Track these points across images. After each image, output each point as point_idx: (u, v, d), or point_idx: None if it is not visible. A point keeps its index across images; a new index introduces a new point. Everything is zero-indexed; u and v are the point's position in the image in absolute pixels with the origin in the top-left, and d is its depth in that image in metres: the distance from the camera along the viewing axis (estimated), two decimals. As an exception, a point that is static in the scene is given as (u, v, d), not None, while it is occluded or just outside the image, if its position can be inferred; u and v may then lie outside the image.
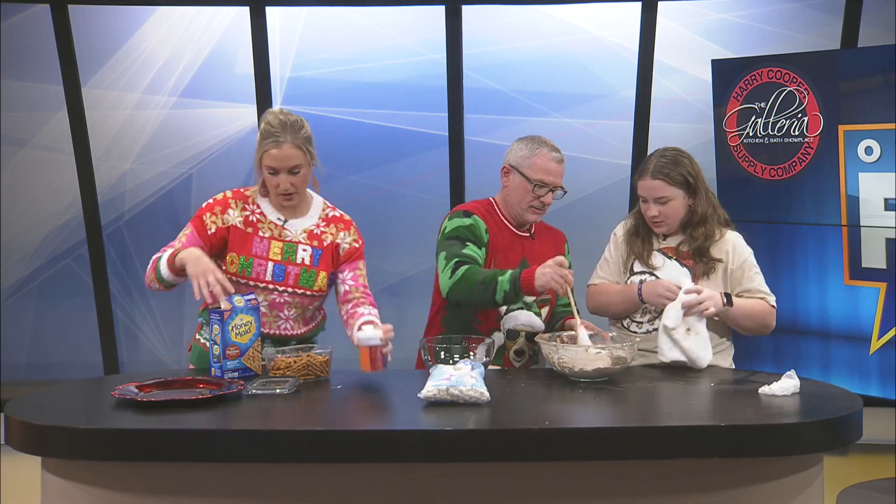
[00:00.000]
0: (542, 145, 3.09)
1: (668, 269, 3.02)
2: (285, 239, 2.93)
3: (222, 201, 2.93)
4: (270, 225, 2.93)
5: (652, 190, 3.00)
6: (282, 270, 2.91)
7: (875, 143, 4.02)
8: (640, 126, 5.01)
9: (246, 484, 2.29)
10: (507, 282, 2.84)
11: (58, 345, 5.36)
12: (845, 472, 4.36)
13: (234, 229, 2.90)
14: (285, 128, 2.85)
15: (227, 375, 2.72)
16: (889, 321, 4.02)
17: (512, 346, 3.06)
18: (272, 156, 2.84)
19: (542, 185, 3.06)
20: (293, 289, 2.92)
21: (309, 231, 2.97)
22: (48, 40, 4.98)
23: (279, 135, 2.84)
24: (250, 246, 2.89)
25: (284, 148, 2.84)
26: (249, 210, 2.93)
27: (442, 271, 2.96)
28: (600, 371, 2.66)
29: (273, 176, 2.87)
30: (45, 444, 2.33)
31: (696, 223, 3.02)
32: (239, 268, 2.88)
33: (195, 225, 2.90)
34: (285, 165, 2.85)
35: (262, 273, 2.89)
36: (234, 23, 5.08)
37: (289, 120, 2.87)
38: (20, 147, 5.21)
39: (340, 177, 5.14)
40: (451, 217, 3.09)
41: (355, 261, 3.02)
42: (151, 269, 2.85)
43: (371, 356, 2.63)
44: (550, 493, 2.29)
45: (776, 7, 4.99)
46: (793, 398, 2.49)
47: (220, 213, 2.91)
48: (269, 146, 2.84)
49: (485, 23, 5.08)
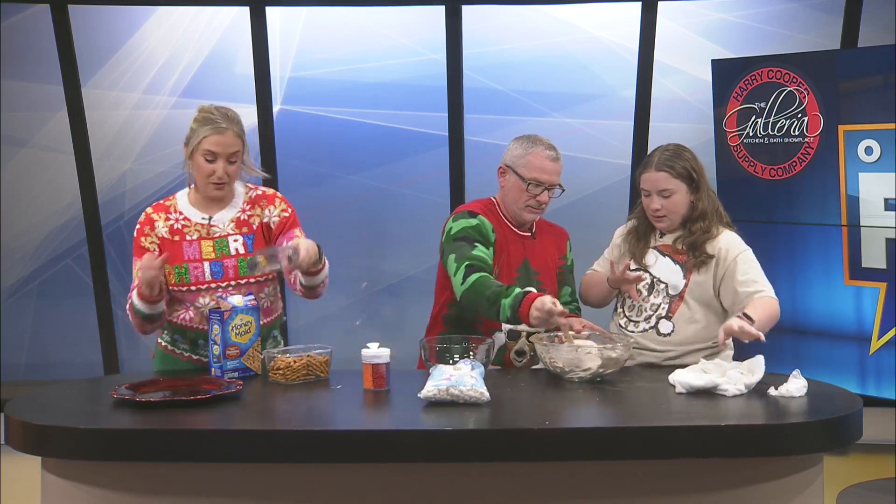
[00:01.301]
0: (536, 144, 3.09)
1: (661, 266, 3.03)
2: (214, 236, 2.92)
3: (146, 220, 2.94)
4: (196, 227, 2.93)
5: (656, 182, 3.00)
6: (219, 266, 2.90)
7: (875, 143, 4.02)
8: (640, 126, 5.01)
9: (246, 484, 2.29)
10: (509, 307, 2.83)
11: (58, 345, 5.36)
12: (845, 472, 4.36)
13: (163, 242, 2.91)
14: (226, 117, 2.88)
15: (227, 375, 2.73)
16: (889, 321, 4.02)
17: (513, 347, 3.06)
18: (214, 141, 2.84)
19: (538, 184, 3.05)
20: (236, 281, 2.90)
21: (236, 220, 2.95)
22: (48, 40, 4.98)
23: (221, 122, 2.86)
24: (181, 252, 2.89)
25: (227, 135, 2.86)
26: (173, 219, 2.93)
27: (455, 275, 2.95)
28: (591, 371, 2.66)
29: (210, 163, 2.86)
30: (45, 444, 2.33)
31: (696, 219, 3.03)
32: (177, 277, 2.88)
33: (139, 256, 2.89)
34: (226, 152, 2.86)
35: (200, 275, 2.88)
36: (234, 23, 5.08)
37: (228, 111, 2.92)
38: (20, 147, 5.21)
39: (340, 177, 5.14)
40: (455, 218, 3.08)
41: (290, 230, 2.99)
42: (132, 316, 2.87)
43: (375, 374, 2.62)
44: (550, 493, 2.29)
45: (776, 7, 4.99)
46: (793, 398, 2.49)
47: (149, 231, 2.92)
48: (209, 132, 2.84)
49: (485, 23, 5.08)
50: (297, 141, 5.09)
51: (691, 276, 2.98)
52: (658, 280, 3.02)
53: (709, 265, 2.98)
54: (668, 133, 4.90)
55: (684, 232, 3.04)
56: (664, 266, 3.03)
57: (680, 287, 2.99)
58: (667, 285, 3.00)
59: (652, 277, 3.02)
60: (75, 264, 5.30)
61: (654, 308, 3.00)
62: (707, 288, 2.98)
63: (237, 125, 2.90)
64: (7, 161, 5.19)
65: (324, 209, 5.13)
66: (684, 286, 2.99)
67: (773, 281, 2.98)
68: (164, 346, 2.99)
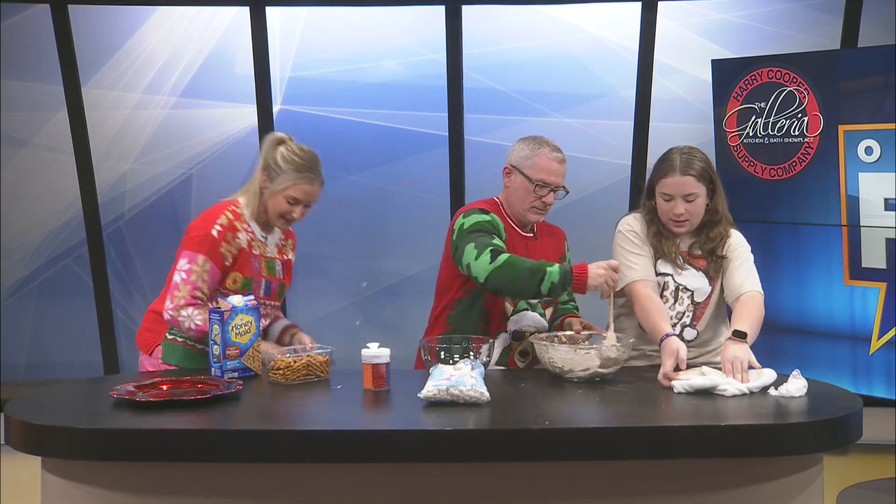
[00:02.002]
0: (543, 145, 3.08)
1: (687, 274, 2.97)
2: (267, 255, 3.03)
3: (230, 227, 2.94)
4: (258, 242, 3.01)
5: (682, 186, 2.90)
6: (269, 286, 3.03)
7: (875, 143, 4.02)
8: (640, 126, 5.01)
9: (246, 484, 2.29)
10: (557, 273, 2.80)
11: (58, 345, 5.36)
12: (845, 472, 4.36)
13: (241, 252, 2.95)
14: (317, 167, 2.99)
15: (226, 375, 2.73)
16: (889, 321, 4.02)
17: (517, 347, 3.06)
18: (304, 191, 2.95)
19: (544, 185, 3.05)
20: (274, 301, 3.07)
21: (278, 246, 3.09)
22: (48, 40, 4.98)
23: (313, 172, 2.97)
24: (250, 265, 2.96)
25: (316, 186, 2.99)
26: (246, 230, 2.98)
27: (476, 259, 2.87)
28: (590, 371, 2.66)
29: (292, 206, 2.96)
30: (45, 444, 2.33)
31: (714, 223, 2.97)
32: (241, 286, 2.94)
33: (213, 259, 2.89)
34: (311, 200, 2.99)
35: (258, 290, 2.98)
36: (234, 23, 5.08)
37: (315, 157, 3.01)
38: (20, 147, 5.21)
39: (340, 177, 5.14)
40: (466, 214, 3.04)
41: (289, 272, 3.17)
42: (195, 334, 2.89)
43: (375, 374, 2.62)
44: (550, 493, 2.29)
45: (776, 7, 4.99)
46: (793, 398, 2.49)
47: (232, 239, 2.94)
48: (303, 181, 2.94)
49: (485, 23, 5.08)
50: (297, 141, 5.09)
51: (715, 282, 2.96)
52: (684, 287, 2.96)
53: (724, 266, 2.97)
54: (667, 133, 4.91)
55: (700, 237, 2.98)
56: (688, 273, 2.97)
57: (706, 293, 2.95)
58: (693, 292, 2.95)
59: (677, 284, 2.96)
60: (75, 264, 5.30)
61: (679, 316, 2.95)
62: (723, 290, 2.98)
63: (322, 174, 3.00)
64: (7, 161, 5.19)
65: (324, 209, 5.11)
66: (710, 293, 2.96)
67: (773, 281, 2.99)
68: (173, 338, 2.98)
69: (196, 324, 2.85)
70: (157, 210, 5.25)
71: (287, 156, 2.95)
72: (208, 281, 2.88)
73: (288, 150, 2.96)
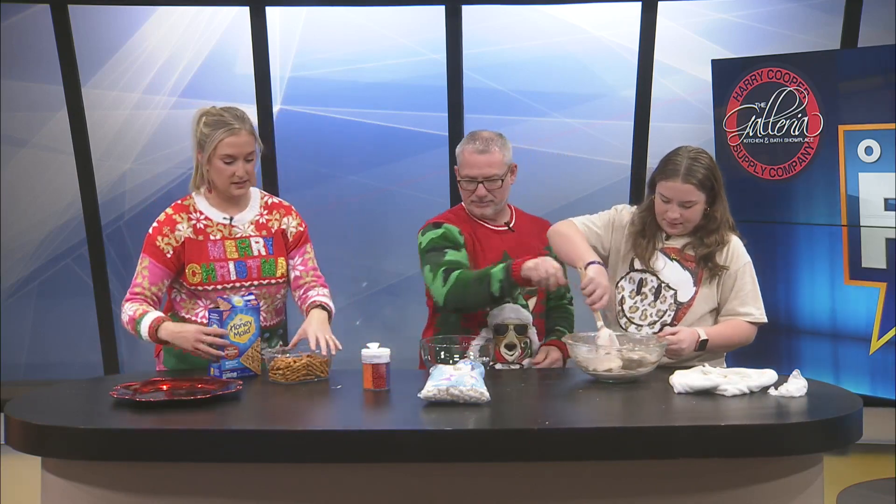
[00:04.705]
0: (466, 142, 3.13)
1: (669, 271, 2.96)
2: (236, 236, 2.97)
3: (167, 220, 2.96)
4: (219, 227, 2.97)
5: (681, 193, 2.88)
6: (243, 266, 2.95)
7: (875, 143, 4.02)
8: (640, 126, 5.01)
9: (246, 484, 2.30)
10: (501, 271, 2.86)
11: (58, 345, 5.36)
12: (845, 472, 4.36)
13: (187, 242, 2.93)
14: (237, 117, 2.93)
15: (226, 375, 2.73)
16: (889, 321, 4.02)
17: (502, 341, 3.05)
18: (230, 143, 2.89)
19: (471, 180, 3.08)
20: (258, 281, 2.97)
21: (255, 222, 3.02)
22: (48, 40, 4.97)
23: (234, 123, 2.90)
24: (207, 252, 2.93)
25: (241, 135, 2.91)
26: (195, 219, 2.96)
27: (432, 282, 2.98)
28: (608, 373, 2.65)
29: (229, 165, 2.90)
30: (45, 444, 2.33)
31: (712, 230, 2.94)
32: (203, 276, 2.91)
33: (151, 254, 2.92)
34: (243, 152, 2.91)
35: (226, 274, 2.93)
36: (234, 23, 5.07)
37: (236, 110, 2.95)
38: (20, 147, 5.21)
39: (340, 177, 5.14)
40: (423, 233, 3.12)
41: (302, 245, 3.09)
42: (131, 328, 2.87)
43: (375, 374, 2.62)
44: (550, 493, 2.29)
45: (776, 7, 4.99)
46: (793, 398, 2.49)
47: (169, 232, 2.93)
48: (224, 135, 2.88)
49: (485, 23, 5.08)
50: (297, 141, 5.09)
51: (701, 287, 2.94)
52: (666, 286, 2.95)
53: (720, 276, 2.94)
54: (667, 133, 4.90)
55: (695, 240, 2.96)
56: (673, 271, 2.95)
57: (689, 296, 2.93)
58: (675, 292, 2.94)
59: (659, 282, 2.95)
60: (75, 264, 5.30)
61: (660, 314, 2.94)
62: (713, 299, 2.95)
63: (248, 123, 2.94)
64: (7, 161, 5.19)
65: (324, 209, 5.13)
66: (693, 296, 2.94)
67: (774, 281, 2.99)
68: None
69: (128, 315, 2.87)
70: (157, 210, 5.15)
71: (207, 120, 2.92)
72: (148, 276, 2.90)
73: (208, 116, 2.93)
